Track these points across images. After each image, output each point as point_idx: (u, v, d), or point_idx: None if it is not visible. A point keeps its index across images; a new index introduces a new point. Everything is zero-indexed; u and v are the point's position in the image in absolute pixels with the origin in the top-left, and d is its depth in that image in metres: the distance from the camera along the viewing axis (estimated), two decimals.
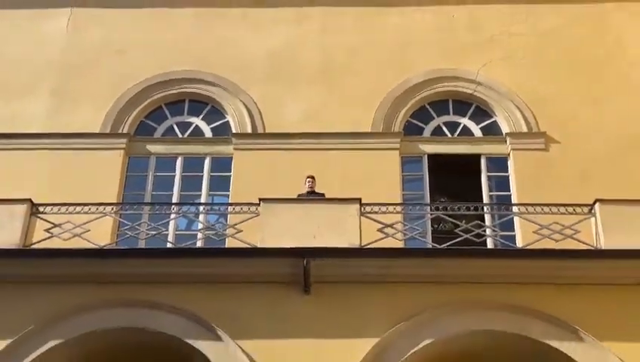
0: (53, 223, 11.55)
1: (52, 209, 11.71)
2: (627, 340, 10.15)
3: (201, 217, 13.46)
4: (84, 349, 10.78)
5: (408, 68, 14.83)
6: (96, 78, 15.00)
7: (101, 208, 11.98)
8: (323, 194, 12.26)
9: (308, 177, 12.55)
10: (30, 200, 11.58)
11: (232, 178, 14.03)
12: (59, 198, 12.02)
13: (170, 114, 14.96)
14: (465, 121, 14.70)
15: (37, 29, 15.67)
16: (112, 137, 14.39)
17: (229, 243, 12.04)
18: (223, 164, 14.36)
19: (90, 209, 11.84)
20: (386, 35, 15.30)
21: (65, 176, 13.59)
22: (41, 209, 11.66)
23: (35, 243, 11.37)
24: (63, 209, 11.75)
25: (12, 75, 15.07)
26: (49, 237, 11.44)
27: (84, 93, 14.84)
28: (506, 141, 14.23)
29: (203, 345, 10.30)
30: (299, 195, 12.17)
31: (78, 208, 11.81)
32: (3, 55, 15.32)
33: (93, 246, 11.41)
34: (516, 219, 12.83)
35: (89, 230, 11.53)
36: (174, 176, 14.28)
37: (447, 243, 11.51)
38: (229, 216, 12.57)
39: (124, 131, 14.47)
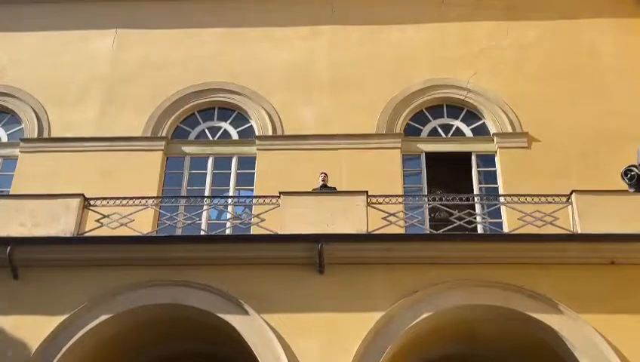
0: (102, 214, 11.58)
1: (101, 202, 11.77)
2: (600, 312, 10.16)
3: (230, 208, 13.50)
4: (130, 322, 10.86)
5: (407, 78, 14.76)
6: (139, 89, 14.99)
7: (144, 201, 12.05)
8: (334, 188, 12.32)
9: (321, 173, 12.56)
10: (83, 194, 11.63)
11: (255, 174, 14.01)
12: (107, 193, 12.08)
13: (202, 119, 14.94)
14: (457, 123, 14.62)
15: (87, 47, 15.68)
16: (152, 140, 14.38)
17: (254, 230, 12.02)
18: (247, 162, 14.34)
19: (134, 202, 11.90)
20: (388, 50, 15.22)
21: (112, 173, 13.64)
22: (92, 202, 11.71)
23: (87, 232, 11.43)
24: (111, 202, 11.80)
25: (66, 86, 15.08)
26: (99, 227, 11.49)
27: (129, 102, 14.84)
28: (493, 140, 14.14)
29: (232, 319, 10.36)
30: (313, 189, 12.20)
31: (124, 201, 11.85)
32: (58, 69, 15.34)
33: (137, 234, 11.48)
34: (503, 208, 12.81)
35: (133, 220, 11.61)
36: (206, 173, 14.26)
37: (443, 229, 11.53)
38: (253, 207, 12.59)
39: (163, 135, 14.46)
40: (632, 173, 3.54)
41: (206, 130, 14.86)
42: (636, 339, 9.83)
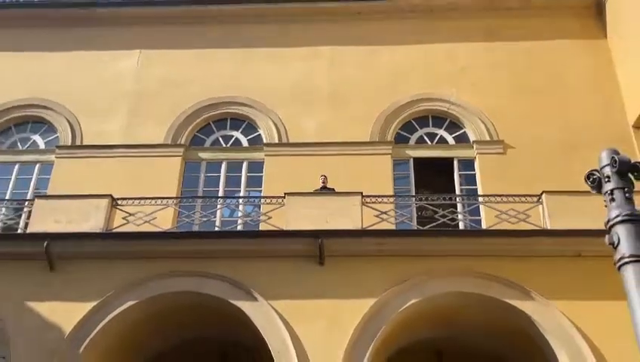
0: (128, 213, 11.60)
1: (127, 202, 11.78)
2: (568, 299, 10.20)
3: (241, 207, 13.53)
4: (152, 308, 10.89)
5: (397, 92, 14.74)
6: (160, 102, 14.98)
7: (165, 201, 12.09)
8: (333, 189, 12.30)
9: (321, 176, 12.54)
10: (111, 195, 11.65)
11: (263, 177, 13.98)
12: (132, 194, 12.04)
13: (216, 129, 14.94)
14: (441, 132, 14.61)
15: (115, 65, 15.68)
16: (172, 147, 14.36)
17: (262, 226, 12.07)
18: (256, 166, 14.30)
19: (156, 202, 11.93)
20: (380, 68, 15.21)
21: (137, 176, 13.58)
22: (119, 202, 11.73)
23: (114, 228, 11.43)
24: (136, 202, 11.82)
25: (96, 100, 15.06)
26: (125, 224, 11.50)
27: (151, 114, 14.82)
28: (473, 147, 14.13)
29: (242, 305, 10.41)
30: (315, 190, 12.20)
31: (147, 201, 11.88)
32: (89, 85, 15.32)
33: (158, 230, 11.51)
34: (481, 207, 12.81)
35: (156, 218, 11.63)
36: (220, 176, 14.23)
37: (429, 226, 11.56)
38: (261, 206, 12.59)
39: (182, 142, 14.43)
40: (594, 177, 3.56)
41: (220, 138, 14.86)
42: (599, 322, 9.86)
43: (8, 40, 16.05)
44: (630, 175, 3.48)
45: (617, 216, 3.37)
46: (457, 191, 13.68)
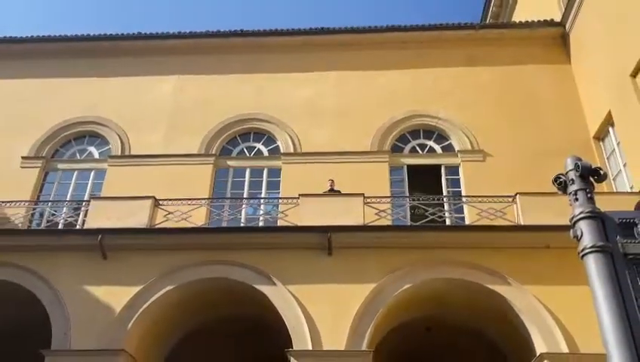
0: (168, 211, 11.67)
1: (167, 202, 11.83)
2: (538, 284, 10.14)
3: (262, 207, 13.55)
4: (188, 291, 10.90)
5: (393, 110, 14.73)
6: (195, 118, 15.03)
7: (198, 201, 12.15)
8: (339, 191, 12.29)
9: (329, 180, 12.55)
10: (154, 196, 11.69)
11: (281, 181, 14.02)
12: (172, 195, 12.12)
13: (241, 141, 14.98)
14: (430, 143, 14.58)
15: (156, 88, 15.77)
16: (205, 156, 14.40)
17: (279, 222, 12.07)
18: (275, 172, 14.32)
19: (191, 202, 11.99)
20: (378, 89, 15.20)
21: (175, 181, 13.62)
22: (160, 202, 11.78)
23: (156, 225, 11.48)
24: (175, 202, 11.88)
25: (141, 117, 15.14)
26: (165, 221, 11.55)
27: (187, 129, 14.86)
28: (457, 156, 14.10)
29: (263, 288, 10.41)
30: (324, 192, 12.20)
31: (184, 201, 11.93)
32: (135, 105, 15.41)
33: (193, 225, 11.55)
34: (465, 206, 12.77)
35: (191, 215, 11.69)
36: (244, 180, 14.27)
37: (420, 222, 11.58)
38: (279, 205, 12.60)
39: (213, 152, 14.48)
40: (561, 180, 3.54)
41: (244, 149, 14.89)
42: (565, 303, 9.78)
43: (68, 68, 16.21)
44: (591, 178, 3.47)
45: (581, 213, 3.35)
46: (444, 193, 13.65)
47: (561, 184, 3.55)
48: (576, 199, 3.38)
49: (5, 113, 15.47)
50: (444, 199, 12.96)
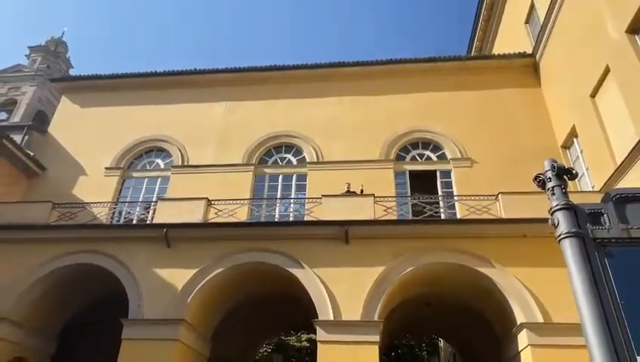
0: (218, 209, 11.74)
1: (218, 202, 11.89)
2: (518, 266, 9.89)
3: (292, 205, 13.52)
4: (233, 273, 10.92)
5: (396, 126, 14.63)
6: (239, 135, 15.11)
7: (242, 201, 12.21)
8: (355, 192, 12.25)
9: (346, 183, 12.53)
10: (207, 198, 11.78)
11: (307, 185, 14.00)
12: (221, 196, 12.24)
13: (275, 153, 15.03)
14: (427, 152, 14.41)
15: (209, 112, 15.92)
16: (247, 165, 14.47)
17: (306, 218, 12.01)
18: (302, 177, 14.31)
19: (236, 202, 12.03)
20: (384, 110, 15.11)
21: (224, 185, 13.73)
22: (212, 202, 11.85)
23: (209, 220, 11.54)
24: (224, 202, 11.93)
25: (197, 135, 15.23)
26: (216, 217, 11.62)
27: (233, 144, 14.96)
28: (450, 163, 13.91)
29: (294, 271, 10.38)
30: (342, 193, 12.14)
31: (231, 201, 11.98)
32: (192, 125, 15.54)
33: (238, 220, 11.59)
34: (456, 203, 12.56)
35: (236, 212, 11.75)
36: (277, 184, 14.29)
37: (420, 217, 11.38)
38: (305, 204, 12.57)
39: (253, 162, 14.54)
40: (540, 178, 3.43)
41: (278, 159, 14.91)
42: (539, 282, 9.55)
43: (141, 98, 16.51)
44: (565, 176, 3.38)
45: (557, 205, 3.25)
46: (439, 193, 13.47)
47: (540, 182, 3.45)
48: (553, 193, 3.29)
49: (93, 133, 15.81)
50: (440, 198, 12.80)
